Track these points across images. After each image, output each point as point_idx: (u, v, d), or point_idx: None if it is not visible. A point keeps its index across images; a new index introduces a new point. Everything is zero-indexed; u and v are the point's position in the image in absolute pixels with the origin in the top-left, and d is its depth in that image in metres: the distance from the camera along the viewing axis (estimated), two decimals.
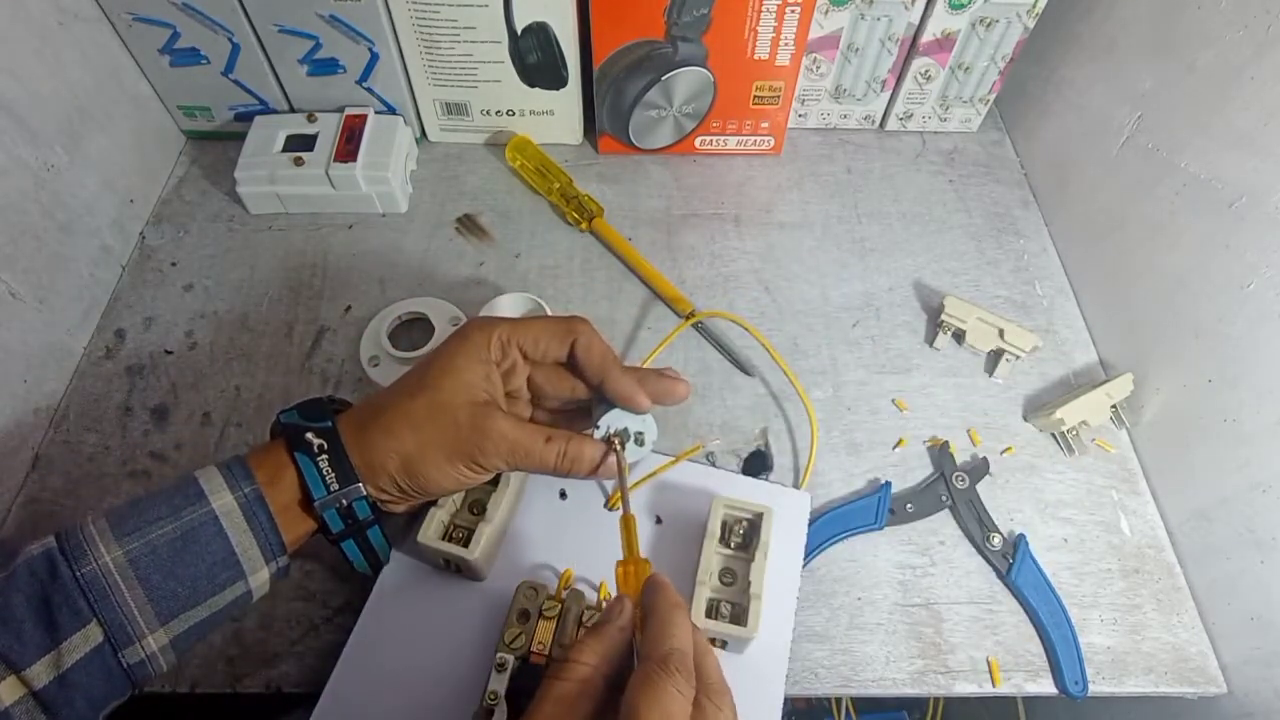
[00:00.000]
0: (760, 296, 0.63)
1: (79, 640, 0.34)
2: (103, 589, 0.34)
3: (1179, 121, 0.53)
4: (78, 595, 0.34)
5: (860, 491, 0.53)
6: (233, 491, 0.37)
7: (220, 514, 0.37)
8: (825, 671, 0.47)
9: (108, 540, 0.35)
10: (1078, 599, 0.50)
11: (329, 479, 0.39)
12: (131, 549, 0.35)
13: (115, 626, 0.35)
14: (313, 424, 0.40)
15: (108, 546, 0.35)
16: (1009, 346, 0.58)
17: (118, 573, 0.35)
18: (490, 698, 0.39)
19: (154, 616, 0.35)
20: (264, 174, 0.63)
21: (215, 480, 0.37)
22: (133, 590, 0.35)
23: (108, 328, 0.59)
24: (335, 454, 0.39)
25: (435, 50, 0.64)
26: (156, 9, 0.60)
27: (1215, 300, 0.50)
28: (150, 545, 0.35)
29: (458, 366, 0.42)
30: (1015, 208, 0.70)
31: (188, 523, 0.36)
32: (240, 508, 0.37)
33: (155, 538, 0.36)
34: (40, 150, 0.54)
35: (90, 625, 0.34)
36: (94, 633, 0.34)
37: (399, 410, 0.41)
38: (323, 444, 0.39)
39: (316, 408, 0.41)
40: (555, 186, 0.67)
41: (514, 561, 0.47)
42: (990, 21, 0.64)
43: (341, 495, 0.39)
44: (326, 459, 0.39)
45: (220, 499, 0.37)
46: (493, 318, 0.44)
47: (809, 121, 0.74)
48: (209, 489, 0.37)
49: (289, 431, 0.39)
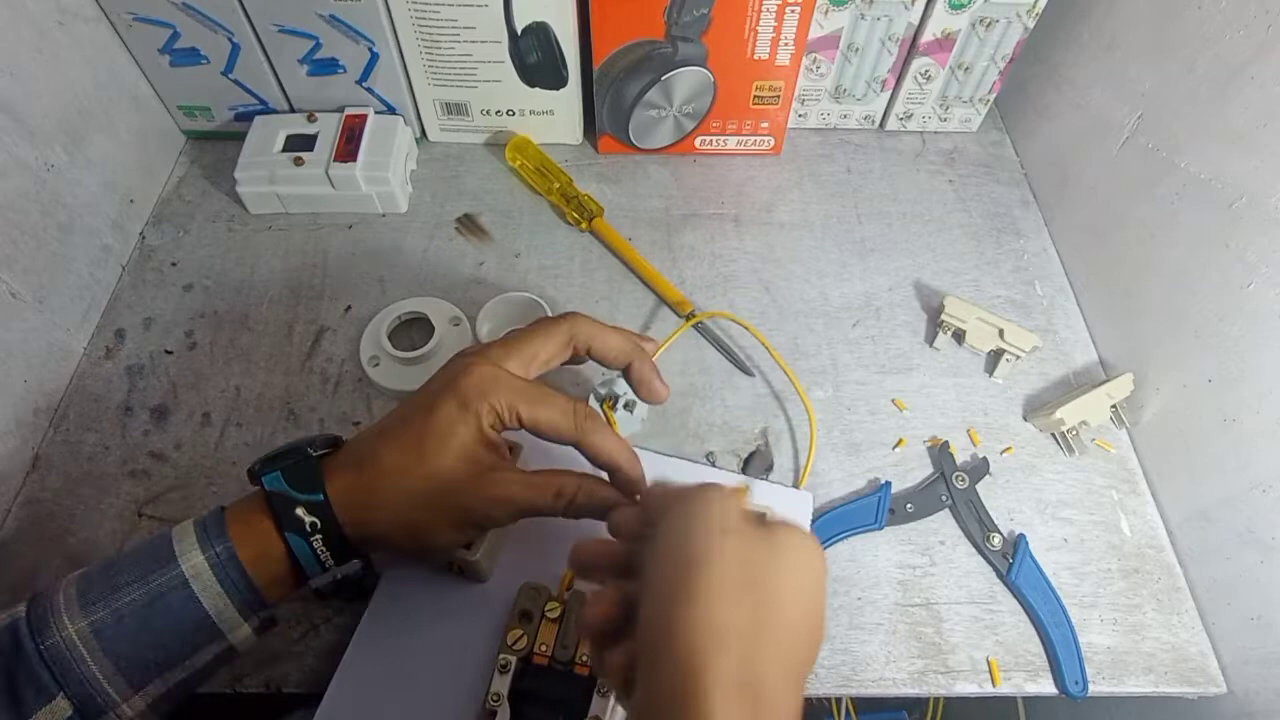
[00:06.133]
0: (760, 296, 0.63)
1: (45, 715, 0.33)
2: (67, 662, 0.33)
3: (1179, 121, 0.53)
4: (41, 669, 0.33)
5: (860, 491, 0.53)
6: (204, 551, 0.35)
7: (190, 577, 0.35)
8: (825, 671, 0.47)
9: (72, 610, 0.34)
10: (1078, 599, 0.50)
11: (323, 556, 0.37)
12: (96, 619, 0.34)
13: (84, 699, 0.33)
14: (303, 496, 0.36)
15: (72, 618, 0.33)
16: (1009, 346, 0.58)
17: (82, 644, 0.33)
18: (493, 699, 0.40)
19: (125, 685, 0.34)
20: (264, 174, 0.63)
21: (188, 539, 0.36)
22: (99, 661, 0.33)
23: (108, 328, 0.59)
24: (329, 531, 0.36)
25: (435, 50, 0.64)
26: (156, 9, 0.60)
27: (1215, 300, 0.50)
28: (116, 614, 0.34)
29: (452, 439, 0.37)
30: (1015, 208, 0.70)
31: (156, 589, 0.34)
32: (212, 568, 0.35)
33: (121, 606, 0.34)
34: (40, 150, 0.54)
35: (57, 699, 0.33)
36: (61, 706, 0.33)
37: (400, 491, 0.37)
38: (315, 522, 0.36)
39: (302, 470, 0.37)
40: (555, 186, 0.67)
41: (516, 563, 0.47)
42: (990, 21, 0.64)
43: (335, 570, 0.38)
44: (321, 538, 0.36)
45: (190, 560, 0.35)
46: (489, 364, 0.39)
47: (809, 121, 0.74)
48: (180, 549, 0.35)
49: (275, 503, 0.36)
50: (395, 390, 0.56)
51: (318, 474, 0.37)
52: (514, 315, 0.59)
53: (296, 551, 0.36)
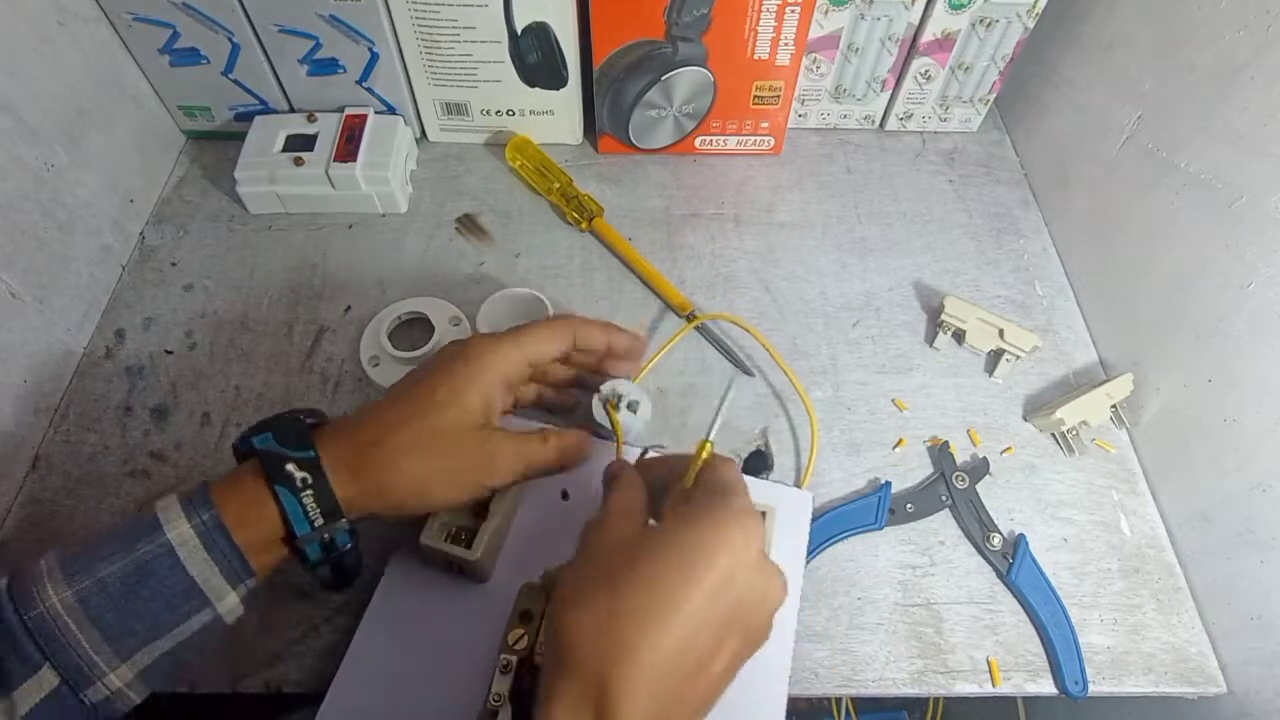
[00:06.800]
0: (760, 296, 0.63)
1: (31, 687, 0.32)
2: (52, 631, 0.33)
3: (1179, 121, 0.53)
4: (26, 640, 0.32)
5: (860, 491, 0.53)
6: (189, 519, 0.35)
7: (176, 544, 0.35)
8: (825, 671, 0.47)
9: (55, 579, 0.33)
10: (1078, 599, 0.50)
11: (313, 514, 0.37)
12: (81, 588, 0.33)
13: (70, 669, 0.33)
14: (293, 453, 0.37)
15: (55, 587, 0.33)
16: (1009, 346, 0.58)
17: (67, 614, 0.33)
18: (494, 699, 0.39)
19: (113, 655, 0.34)
20: (264, 174, 0.63)
21: (173, 510, 0.36)
22: (85, 631, 0.33)
23: (108, 328, 0.59)
24: (319, 487, 0.37)
25: (435, 50, 0.64)
26: (156, 9, 0.60)
27: (1215, 300, 0.50)
28: (100, 583, 0.34)
29: (462, 390, 0.41)
30: (1015, 208, 0.70)
31: (140, 557, 0.34)
32: (198, 535, 0.35)
33: (106, 575, 0.34)
34: (40, 150, 0.54)
35: (43, 670, 0.33)
36: (47, 678, 0.33)
37: (404, 436, 0.39)
38: (306, 477, 0.37)
39: (292, 429, 0.39)
40: (555, 186, 0.67)
41: (516, 562, 0.47)
42: (990, 21, 0.64)
43: (325, 530, 0.37)
44: (311, 494, 0.37)
45: (176, 528, 0.35)
46: (495, 338, 0.43)
47: (809, 121, 0.74)
48: (165, 519, 0.35)
49: (266, 460, 0.37)
50: None
51: (307, 434, 0.39)
52: (516, 312, 0.59)
53: (286, 506, 0.36)
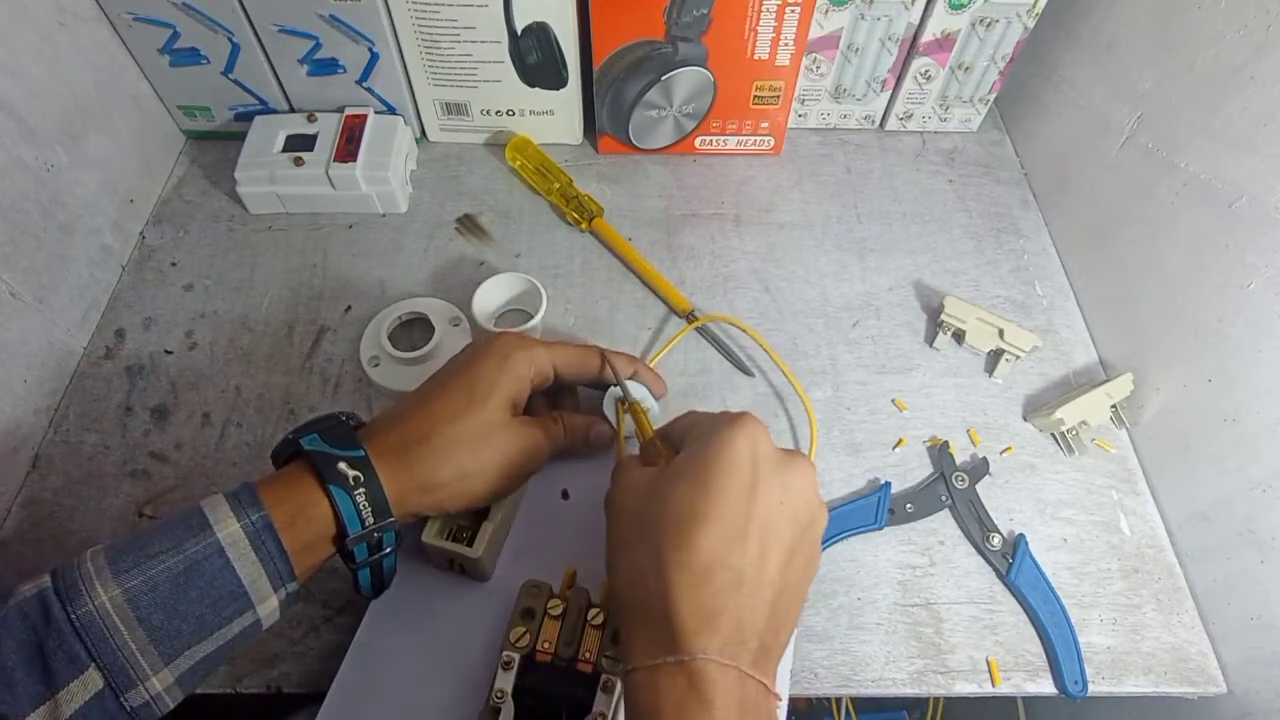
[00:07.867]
0: (760, 297, 0.63)
1: (77, 688, 0.32)
2: (101, 631, 0.32)
3: (1179, 121, 0.53)
4: (74, 640, 0.32)
5: (860, 491, 0.53)
6: (239, 519, 0.35)
7: (225, 544, 0.35)
8: (825, 671, 0.47)
9: (104, 578, 0.33)
10: (1077, 599, 0.50)
11: (365, 514, 0.37)
12: (130, 586, 0.33)
13: (116, 670, 0.32)
14: (344, 452, 0.38)
15: (104, 585, 0.32)
16: (1009, 346, 0.58)
17: (116, 614, 0.32)
18: (497, 696, 0.40)
19: (157, 657, 0.33)
20: (264, 174, 0.63)
21: (221, 509, 0.35)
22: (133, 631, 0.32)
23: (108, 328, 0.59)
24: (370, 486, 0.37)
25: (435, 50, 0.64)
26: (156, 9, 0.60)
27: (1215, 300, 0.50)
28: (150, 582, 0.33)
29: (500, 385, 0.42)
30: (1015, 208, 0.70)
31: (191, 555, 0.34)
32: (247, 536, 0.35)
33: (156, 574, 0.33)
34: (40, 150, 0.54)
35: (89, 671, 0.32)
36: (93, 679, 0.32)
37: (455, 430, 0.40)
38: (358, 475, 0.37)
39: (339, 429, 0.39)
40: (555, 186, 0.67)
41: (517, 560, 0.47)
42: (990, 21, 0.64)
43: (375, 529, 0.38)
44: (363, 493, 0.37)
45: (226, 528, 0.35)
46: (528, 338, 0.46)
47: (809, 121, 0.74)
48: (214, 518, 0.35)
49: (318, 460, 0.37)
50: (395, 391, 0.56)
51: (353, 433, 0.39)
52: (510, 296, 0.59)
53: (340, 506, 0.37)
